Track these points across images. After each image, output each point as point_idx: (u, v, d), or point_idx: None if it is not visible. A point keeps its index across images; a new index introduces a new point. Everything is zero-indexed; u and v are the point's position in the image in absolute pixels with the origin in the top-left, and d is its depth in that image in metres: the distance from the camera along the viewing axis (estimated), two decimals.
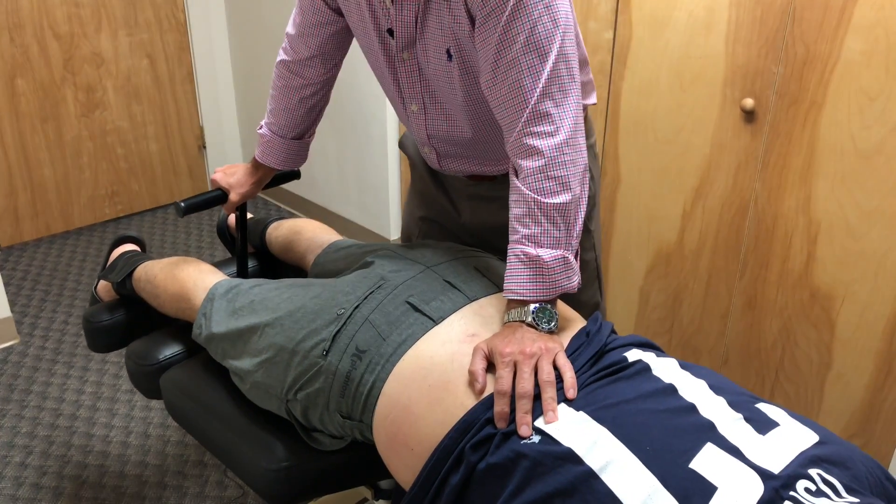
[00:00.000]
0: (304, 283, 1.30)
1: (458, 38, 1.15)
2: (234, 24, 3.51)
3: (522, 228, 1.09)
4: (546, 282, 1.07)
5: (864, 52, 1.55)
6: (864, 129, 1.59)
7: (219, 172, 1.54)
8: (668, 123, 1.93)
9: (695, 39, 1.80)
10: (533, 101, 1.07)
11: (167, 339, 1.49)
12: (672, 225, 2.01)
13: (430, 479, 0.96)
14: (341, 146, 3.18)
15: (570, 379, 0.96)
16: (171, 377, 1.39)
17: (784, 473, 0.80)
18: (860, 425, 1.79)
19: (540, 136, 1.07)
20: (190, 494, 1.92)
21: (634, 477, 0.82)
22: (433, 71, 1.23)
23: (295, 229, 1.70)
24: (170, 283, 1.45)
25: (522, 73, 1.07)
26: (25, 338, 2.59)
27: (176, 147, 3.59)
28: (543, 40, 1.06)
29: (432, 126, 1.33)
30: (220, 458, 1.28)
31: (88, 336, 1.61)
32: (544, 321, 1.06)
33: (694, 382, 0.95)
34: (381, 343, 1.10)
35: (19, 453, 2.06)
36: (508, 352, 0.99)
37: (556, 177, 1.07)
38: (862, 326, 1.72)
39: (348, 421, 1.13)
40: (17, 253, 3.18)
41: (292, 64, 1.41)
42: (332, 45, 1.39)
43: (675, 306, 2.08)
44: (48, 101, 3.14)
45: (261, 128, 1.51)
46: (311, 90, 1.43)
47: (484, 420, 0.94)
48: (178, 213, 1.49)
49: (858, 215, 1.65)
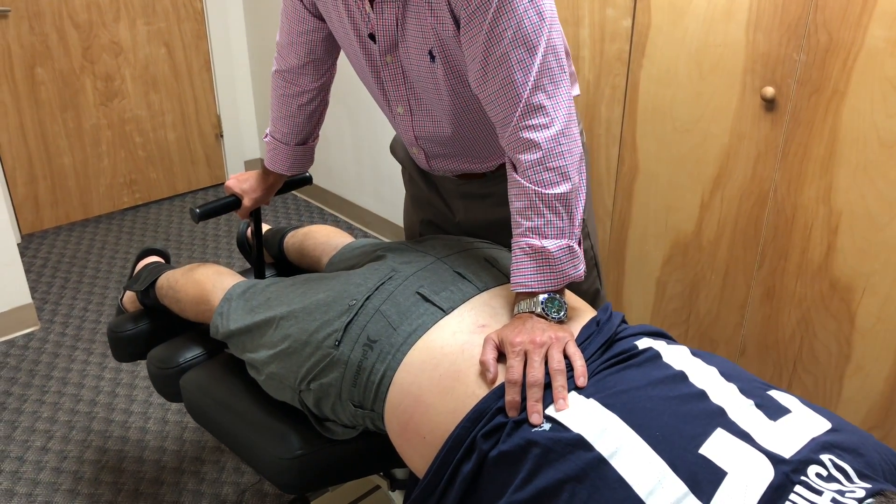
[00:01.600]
0: (317, 277, 1.33)
1: (440, 38, 1.15)
2: (250, 13, 3.51)
3: (525, 221, 1.09)
4: (553, 272, 1.08)
5: (888, 40, 1.52)
6: (888, 118, 1.57)
7: (232, 179, 1.58)
8: (687, 112, 1.91)
9: (715, 27, 1.78)
10: (525, 95, 1.07)
11: (187, 343, 1.53)
12: (690, 215, 2.00)
13: (443, 467, 0.97)
14: (357, 135, 3.17)
15: (580, 367, 0.97)
16: (190, 377, 1.42)
17: (795, 458, 0.80)
18: (879, 418, 1.77)
19: (535, 129, 1.08)
20: (208, 480, 1.94)
21: (644, 462, 0.82)
22: (417, 73, 1.23)
23: (309, 234, 1.74)
24: (190, 286, 1.49)
25: (513, 68, 1.07)
26: (46, 324, 2.62)
27: (193, 135, 3.61)
28: (531, 34, 1.06)
29: (419, 127, 1.34)
30: (235, 450, 1.31)
31: (113, 346, 1.65)
32: (553, 311, 1.07)
33: (705, 369, 0.95)
34: (392, 333, 1.11)
35: (40, 438, 2.09)
36: (519, 341, 1.00)
37: (555, 167, 1.08)
38: (883, 318, 1.70)
39: (360, 410, 1.14)
40: (37, 241, 3.22)
41: (286, 73, 1.42)
42: (322, 51, 1.39)
43: (693, 297, 2.07)
44: (67, 90, 3.17)
45: (266, 136, 1.53)
46: (308, 97, 1.45)
47: (495, 409, 0.95)
48: (193, 218, 1.53)
49: (880, 205, 1.63)
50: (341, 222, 3.40)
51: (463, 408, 0.98)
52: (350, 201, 3.36)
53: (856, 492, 0.76)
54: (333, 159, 3.34)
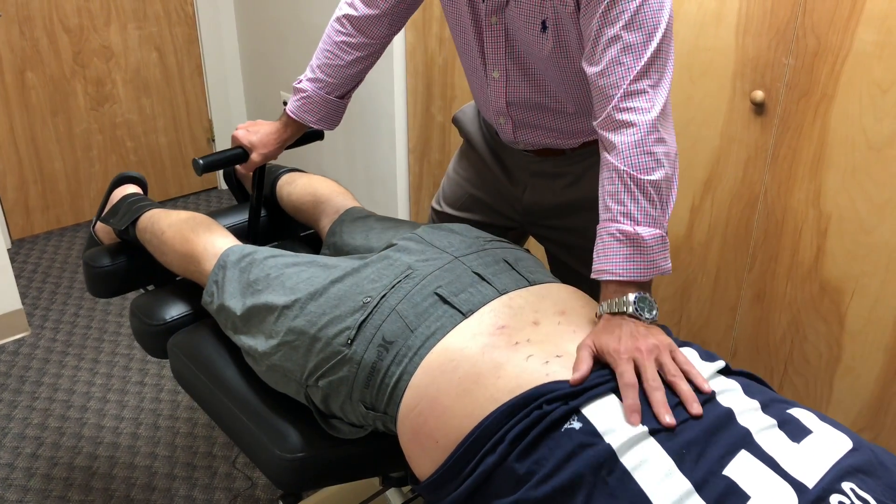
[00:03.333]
0: (323, 262, 1.27)
1: (557, 12, 1.12)
2: (242, 17, 3.51)
3: (617, 205, 1.03)
4: (644, 261, 1.02)
5: (876, 44, 1.53)
6: (876, 121, 1.58)
7: (241, 129, 1.47)
8: (678, 116, 1.92)
9: (704, 31, 1.79)
10: (631, 78, 1.04)
11: (174, 298, 1.45)
12: (681, 217, 2.00)
13: (467, 455, 0.95)
14: (350, 139, 3.18)
15: (697, 376, 0.92)
16: (178, 343, 1.36)
17: (818, 487, 0.79)
18: (869, 418, 1.78)
19: (634, 112, 1.04)
20: (199, 485, 1.94)
21: (667, 479, 0.81)
22: (523, 39, 1.19)
23: (310, 189, 1.64)
24: (178, 242, 1.41)
25: (624, 51, 1.04)
26: (36, 330, 2.61)
27: (185, 140, 3.60)
28: (650, 18, 1.04)
29: (513, 93, 1.29)
30: (229, 435, 1.28)
31: (89, 280, 1.57)
32: (646, 310, 1.00)
33: (729, 386, 0.94)
34: (409, 335, 1.08)
35: (30, 444, 2.08)
36: (624, 349, 0.94)
37: (652, 152, 1.03)
38: (872, 320, 1.71)
39: (371, 412, 1.11)
40: (27, 245, 3.20)
41: (357, 20, 1.35)
42: (406, 6, 1.34)
43: (684, 299, 2.07)
44: (58, 95, 3.16)
45: (299, 82, 1.43)
46: (370, 49, 1.38)
47: (533, 406, 0.92)
48: (196, 170, 1.44)
49: (869, 208, 1.64)
50: None
51: (481, 411, 0.95)
52: None
53: None
54: (326, 161, 3.34)
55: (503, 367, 0.99)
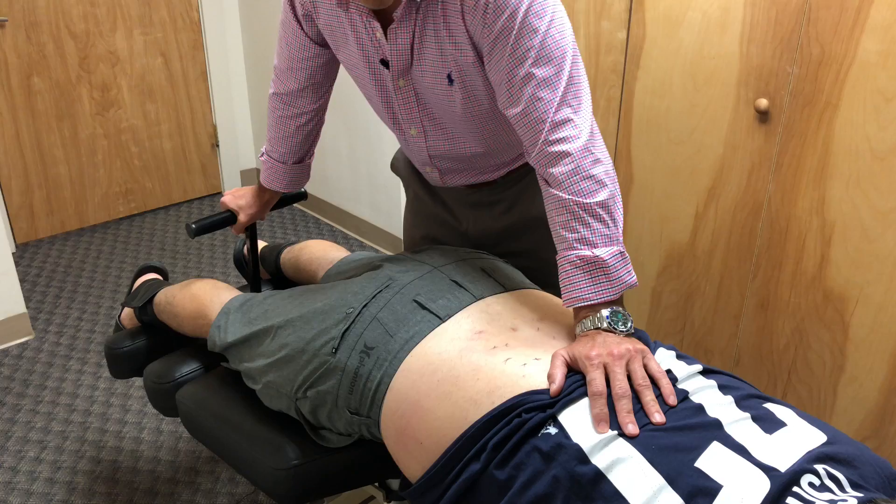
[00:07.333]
0: (315, 288, 1.33)
1: (459, 64, 1.16)
2: (247, 23, 3.52)
3: (570, 234, 1.07)
4: (609, 280, 1.05)
5: (880, 53, 1.54)
6: (880, 130, 1.58)
7: (228, 195, 1.59)
8: (682, 124, 1.92)
9: (709, 39, 1.80)
10: (553, 110, 1.07)
11: (184, 358, 1.52)
12: (685, 225, 2.00)
13: (452, 462, 0.97)
14: (353, 145, 3.18)
15: (666, 386, 0.94)
16: (186, 391, 1.42)
17: (790, 470, 0.80)
18: (873, 428, 1.78)
19: (565, 142, 1.07)
20: (202, 490, 1.94)
21: (640, 476, 0.82)
22: (432, 95, 1.23)
23: (305, 249, 1.74)
24: (188, 301, 1.49)
25: (539, 86, 1.07)
26: (40, 334, 2.61)
27: (189, 145, 3.61)
28: (556, 49, 1.07)
29: (434, 147, 1.34)
30: (230, 462, 1.30)
31: (110, 362, 1.64)
32: (620, 323, 1.03)
33: (704, 384, 0.96)
34: (389, 340, 1.12)
35: (34, 448, 2.08)
36: (596, 354, 0.96)
37: (591, 175, 1.06)
38: (876, 328, 1.71)
39: (356, 417, 1.15)
40: (32, 250, 3.21)
41: (284, 96, 1.43)
42: (322, 75, 1.40)
43: (687, 307, 2.07)
44: (63, 100, 3.17)
45: (262, 154, 1.54)
46: (306, 118, 1.45)
47: (514, 415, 0.94)
48: (189, 234, 1.55)
49: (873, 216, 1.64)
50: (337, 232, 3.41)
51: (462, 413, 0.98)
52: (346, 211, 3.37)
53: (847, 500, 0.77)
54: (330, 169, 3.35)
55: (481, 370, 1.01)
